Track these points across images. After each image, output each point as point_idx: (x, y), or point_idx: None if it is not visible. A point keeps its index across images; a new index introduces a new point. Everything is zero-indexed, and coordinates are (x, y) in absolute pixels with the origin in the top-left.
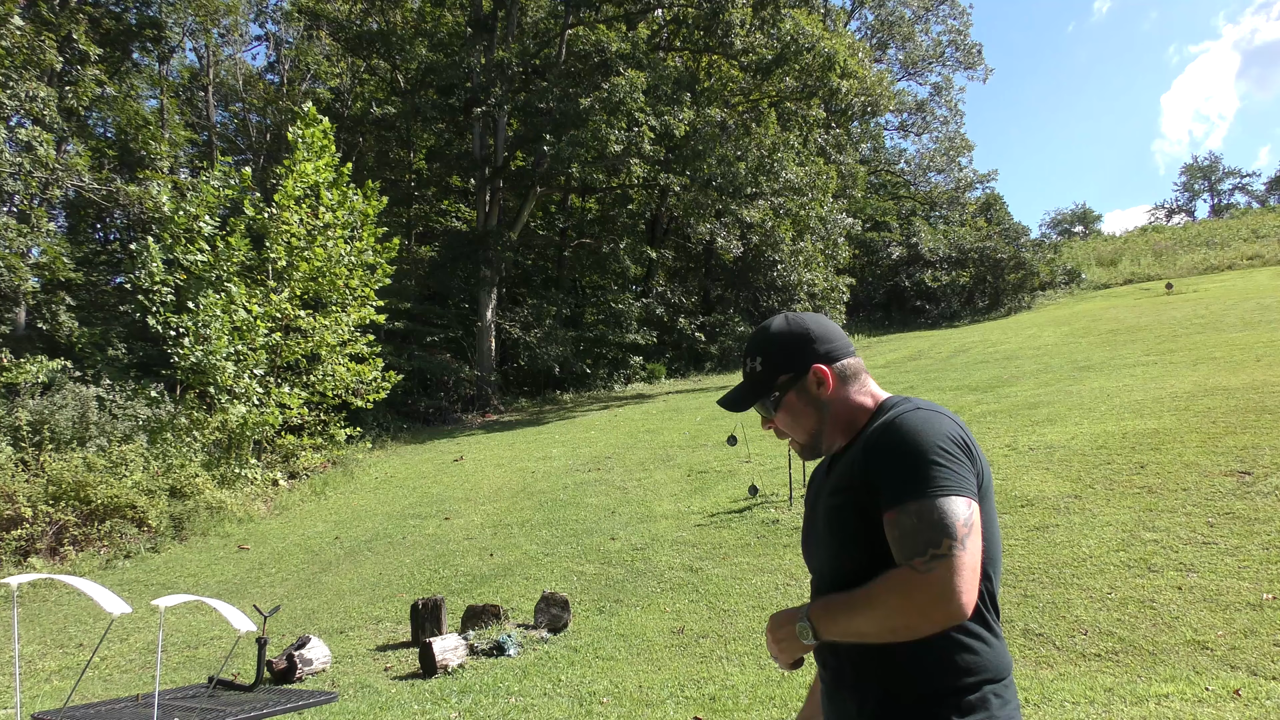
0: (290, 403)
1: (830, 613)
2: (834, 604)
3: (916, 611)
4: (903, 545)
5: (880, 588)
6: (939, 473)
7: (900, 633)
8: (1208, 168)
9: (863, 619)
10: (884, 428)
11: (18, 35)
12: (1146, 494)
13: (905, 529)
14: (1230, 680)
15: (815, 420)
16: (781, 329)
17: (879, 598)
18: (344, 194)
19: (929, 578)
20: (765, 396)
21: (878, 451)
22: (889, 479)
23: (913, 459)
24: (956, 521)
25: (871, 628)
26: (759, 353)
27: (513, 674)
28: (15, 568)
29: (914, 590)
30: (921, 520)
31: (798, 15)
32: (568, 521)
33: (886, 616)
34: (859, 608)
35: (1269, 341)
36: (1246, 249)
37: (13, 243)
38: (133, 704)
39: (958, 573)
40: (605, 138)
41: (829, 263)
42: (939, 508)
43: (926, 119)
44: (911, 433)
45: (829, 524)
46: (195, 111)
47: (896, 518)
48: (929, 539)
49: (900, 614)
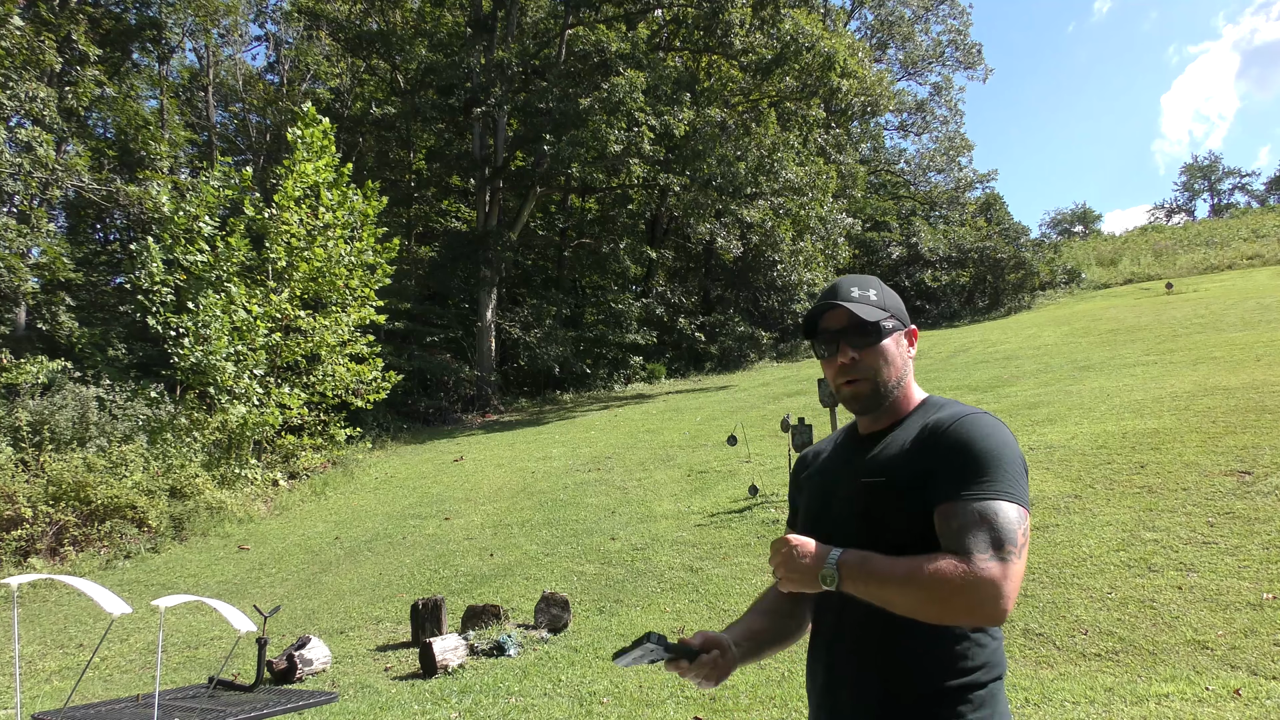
0: (290, 403)
1: (866, 570)
2: (873, 564)
3: (961, 603)
4: (962, 537)
5: (930, 569)
6: (1009, 479)
7: (931, 617)
8: (1208, 167)
9: (899, 591)
10: (958, 423)
11: (17, 35)
12: (1146, 494)
13: (968, 522)
14: (1230, 680)
15: (900, 370)
16: (887, 285)
17: (926, 578)
18: (344, 194)
19: (985, 575)
20: (873, 324)
21: (947, 445)
22: (956, 472)
23: (989, 459)
24: (1019, 530)
25: (906, 602)
26: (873, 287)
27: (513, 674)
28: (15, 568)
29: (967, 583)
30: (986, 519)
31: (797, 15)
32: (568, 521)
33: (928, 598)
34: (899, 579)
35: (1269, 341)
36: (1246, 249)
37: (13, 243)
38: (133, 704)
39: (1010, 579)
40: (605, 138)
41: (829, 263)
42: (1007, 513)
43: (926, 119)
44: (989, 435)
45: (872, 500)
46: (195, 112)
47: (956, 510)
48: (994, 539)
49: (944, 601)
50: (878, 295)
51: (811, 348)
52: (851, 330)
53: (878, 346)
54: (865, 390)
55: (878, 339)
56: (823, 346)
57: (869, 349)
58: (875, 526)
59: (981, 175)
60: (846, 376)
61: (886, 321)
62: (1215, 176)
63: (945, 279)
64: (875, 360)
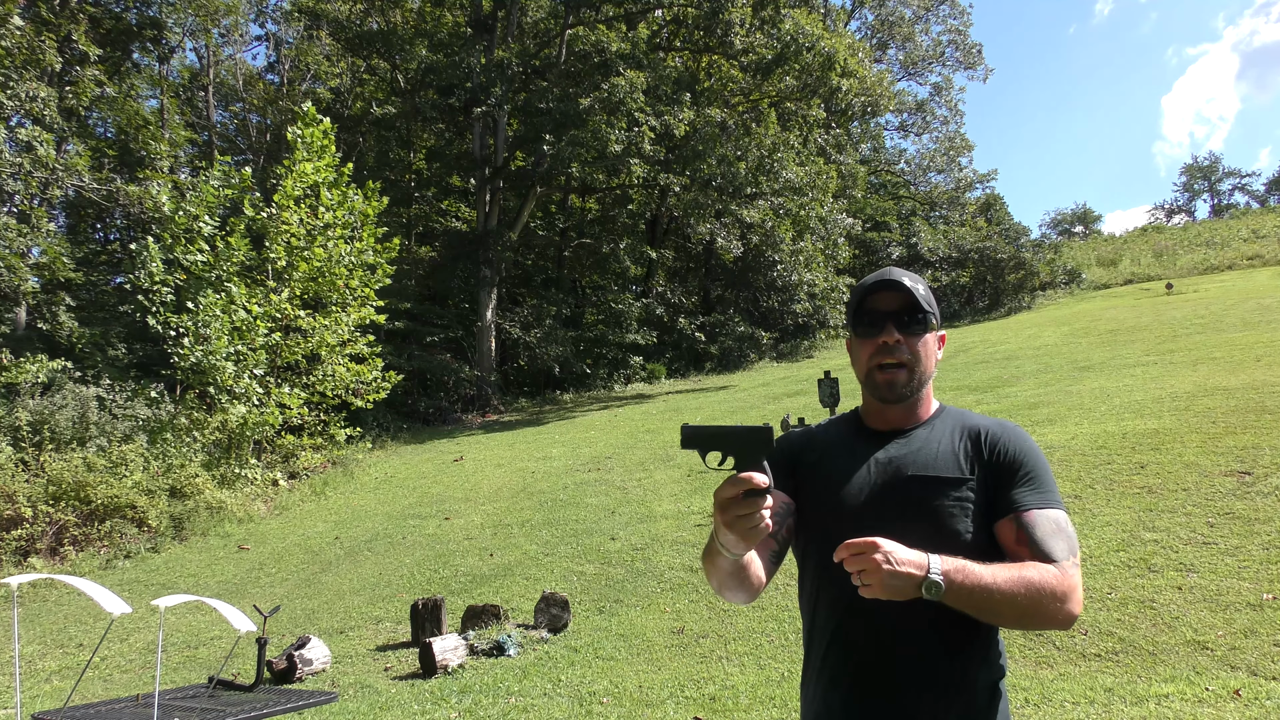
0: (290, 403)
1: (968, 579)
2: (973, 573)
3: (1058, 605)
4: (1049, 544)
5: (1034, 576)
6: (1056, 489)
7: (1026, 622)
8: (1208, 168)
9: (1004, 599)
10: (1009, 433)
11: (18, 35)
12: (1146, 494)
13: (1048, 531)
14: (1230, 680)
15: (933, 366)
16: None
17: (1035, 586)
18: (344, 194)
19: (1069, 580)
20: (924, 313)
21: (1013, 453)
22: (1029, 482)
23: (1045, 470)
24: (1075, 536)
25: (1008, 609)
26: (923, 284)
27: (513, 674)
28: (15, 568)
29: (1065, 586)
30: (1059, 528)
31: (798, 15)
32: (568, 521)
33: (1031, 604)
34: (1006, 588)
35: (1269, 342)
36: (1246, 249)
37: (13, 243)
38: (133, 704)
39: (1080, 584)
40: (605, 138)
41: (829, 263)
42: (1068, 522)
43: (926, 119)
44: (1036, 448)
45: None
46: (195, 111)
47: (1037, 519)
48: (1070, 546)
49: (1044, 606)
50: (925, 291)
51: (851, 324)
52: (904, 312)
53: (923, 336)
54: (901, 379)
55: (924, 329)
56: (866, 325)
57: (914, 336)
58: (940, 523)
59: (982, 175)
60: (885, 358)
61: (933, 316)
62: (1215, 177)
63: (945, 279)
64: (917, 349)
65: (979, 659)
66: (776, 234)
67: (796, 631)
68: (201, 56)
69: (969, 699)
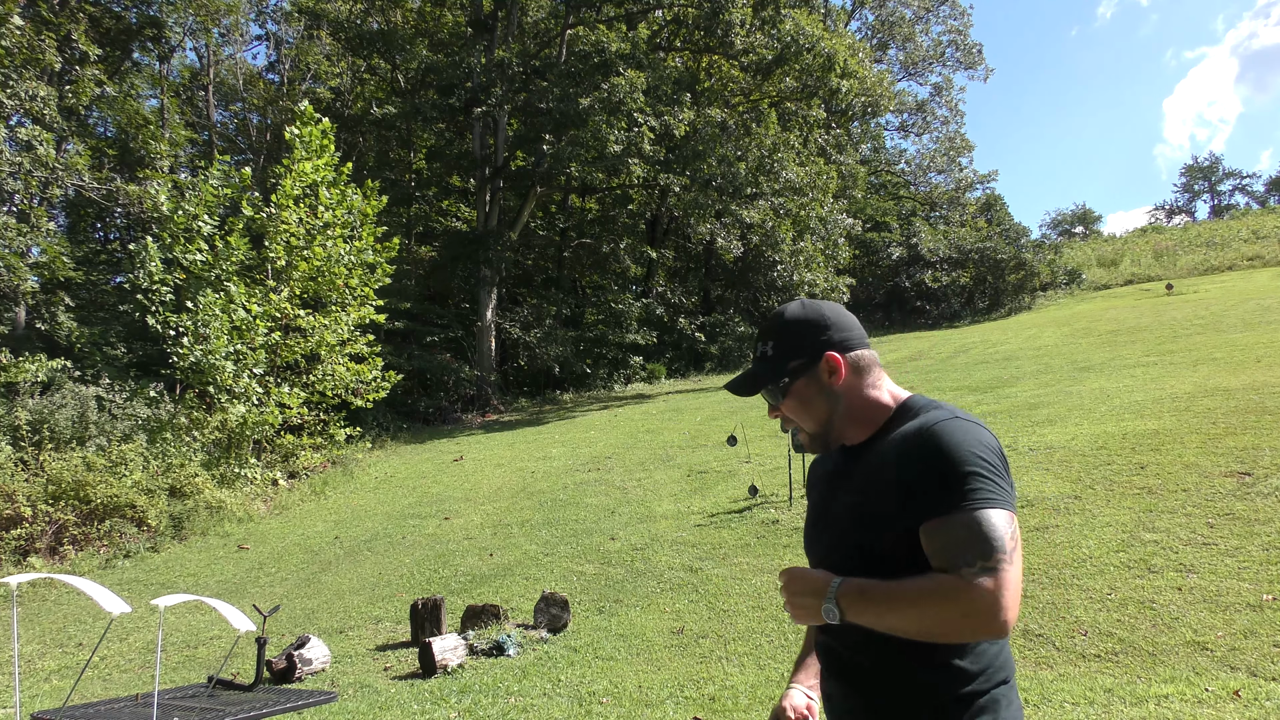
0: (290, 402)
1: (866, 599)
2: (871, 592)
3: (960, 620)
4: (950, 554)
5: (925, 590)
6: (985, 485)
7: (935, 637)
8: (1208, 168)
9: (899, 616)
10: (925, 434)
11: (17, 35)
12: (1146, 495)
13: (953, 538)
14: (1230, 681)
15: (826, 410)
16: (796, 314)
17: (924, 599)
18: (343, 193)
19: (978, 589)
20: (774, 382)
21: (919, 459)
22: (933, 488)
23: (958, 469)
24: (1005, 535)
25: (908, 626)
26: (771, 337)
27: (512, 674)
28: (15, 567)
29: (962, 599)
30: (970, 531)
31: (798, 15)
32: (568, 521)
33: (927, 620)
34: (898, 604)
35: (1269, 342)
36: (1247, 250)
37: (13, 242)
38: (132, 704)
39: (1005, 589)
40: (605, 138)
41: (829, 263)
42: (989, 521)
43: (927, 119)
44: (956, 443)
45: (855, 521)
46: (195, 111)
47: (941, 526)
48: (980, 550)
49: (942, 621)
50: (775, 345)
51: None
52: (765, 394)
53: (787, 400)
54: (804, 439)
55: (782, 395)
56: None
57: (784, 404)
58: (865, 547)
59: (982, 176)
60: (786, 426)
61: (787, 375)
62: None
63: (945, 279)
64: (793, 412)
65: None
66: (777, 234)
67: (796, 632)
68: (201, 56)
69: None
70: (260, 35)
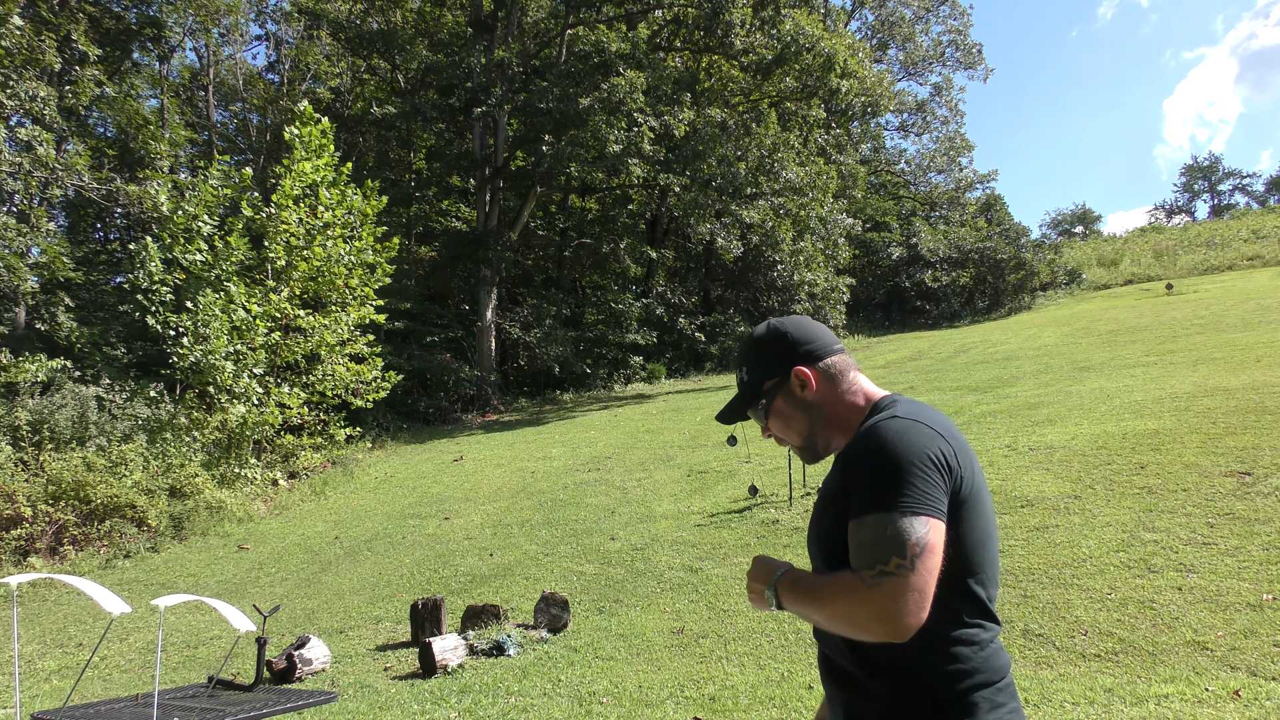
0: (290, 402)
1: (794, 590)
2: (801, 584)
3: (856, 621)
4: (856, 556)
5: (831, 588)
6: (903, 489)
7: (844, 634)
8: (1207, 168)
9: (816, 609)
10: (866, 433)
11: (17, 35)
12: (1146, 494)
13: (861, 540)
14: (1230, 681)
15: (805, 423)
16: (761, 335)
17: (829, 597)
18: (343, 193)
19: (873, 593)
20: (755, 405)
21: (854, 460)
22: (859, 487)
23: (880, 471)
24: (909, 540)
25: (821, 620)
26: (744, 362)
27: (512, 674)
28: (15, 567)
29: (857, 601)
30: (875, 534)
31: (798, 15)
32: (568, 521)
33: (835, 616)
34: (817, 598)
35: (1269, 342)
36: (1246, 249)
37: (13, 242)
38: (132, 704)
39: (901, 594)
40: (605, 138)
41: (829, 263)
42: (895, 525)
43: (927, 119)
44: (883, 444)
45: (820, 521)
46: (195, 111)
47: (855, 528)
48: (879, 555)
49: (843, 619)
50: (748, 370)
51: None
52: (753, 416)
53: (771, 421)
54: (796, 448)
55: (765, 415)
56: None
57: (770, 424)
58: (828, 547)
59: (982, 176)
60: (780, 444)
61: (765, 396)
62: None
63: (945, 279)
64: (777, 430)
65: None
66: (777, 234)
67: (796, 632)
68: (201, 56)
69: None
70: (260, 35)
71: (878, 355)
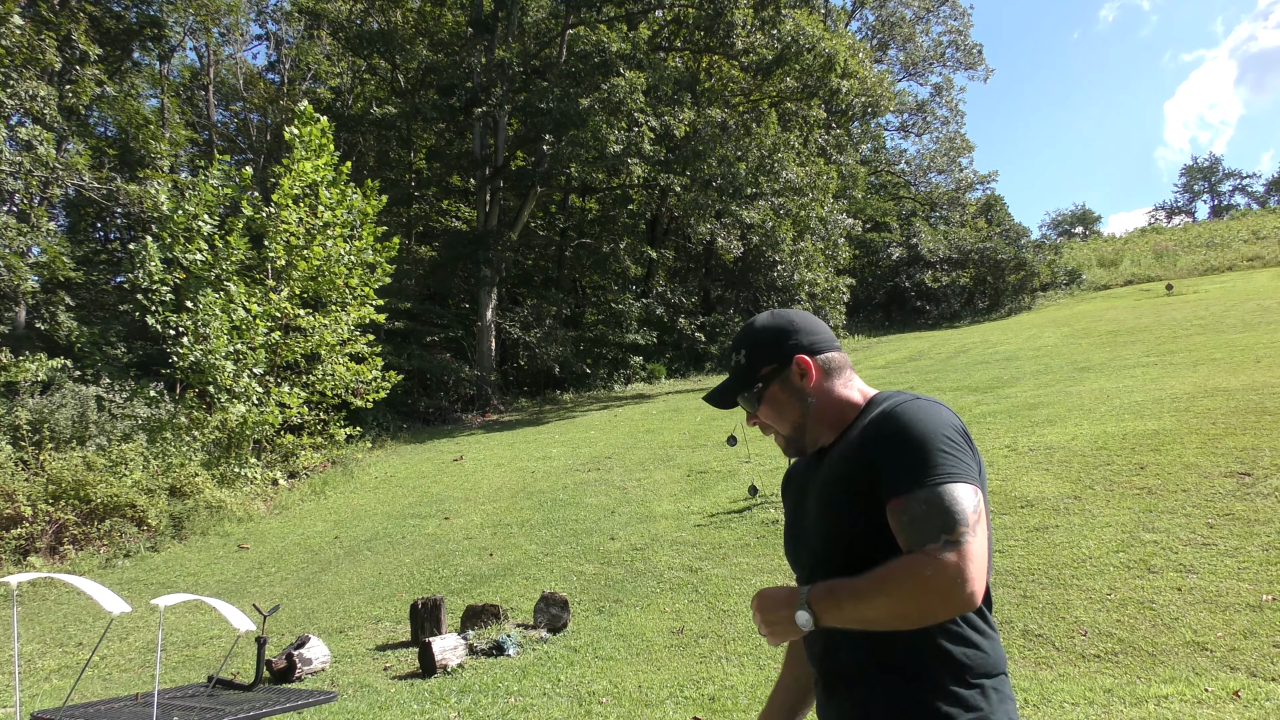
0: (290, 402)
1: (835, 598)
2: (839, 590)
3: (932, 596)
4: (913, 531)
5: (893, 573)
6: (946, 460)
7: (912, 619)
8: (1208, 169)
9: (871, 605)
10: (884, 416)
11: (17, 34)
12: (1146, 495)
13: (916, 515)
14: (1230, 681)
15: (798, 412)
16: (765, 322)
17: (891, 583)
18: (343, 192)
19: (944, 563)
20: (749, 389)
21: (881, 440)
22: (894, 466)
23: (919, 446)
24: (967, 509)
25: (881, 614)
26: (743, 345)
27: (512, 674)
28: (15, 567)
29: (929, 575)
30: (932, 507)
31: (798, 15)
32: (567, 521)
33: (899, 602)
34: (868, 594)
35: (1269, 343)
36: (1247, 250)
37: (13, 242)
38: (132, 703)
39: (971, 559)
40: (605, 138)
41: (829, 263)
42: (950, 494)
43: (927, 119)
44: (916, 421)
45: (826, 517)
46: (196, 111)
47: (905, 504)
48: (942, 524)
49: (913, 600)
50: (747, 353)
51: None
52: (732, 404)
53: (763, 407)
54: (783, 439)
55: (757, 401)
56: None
57: (760, 410)
58: (849, 535)
59: (982, 176)
60: (765, 433)
61: (760, 381)
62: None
63: (945, 280)
64: (769, 418)
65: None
66: (777, 234)
67: None
68: (201, 56)
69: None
70: (260, 35)
71: (878, 355)
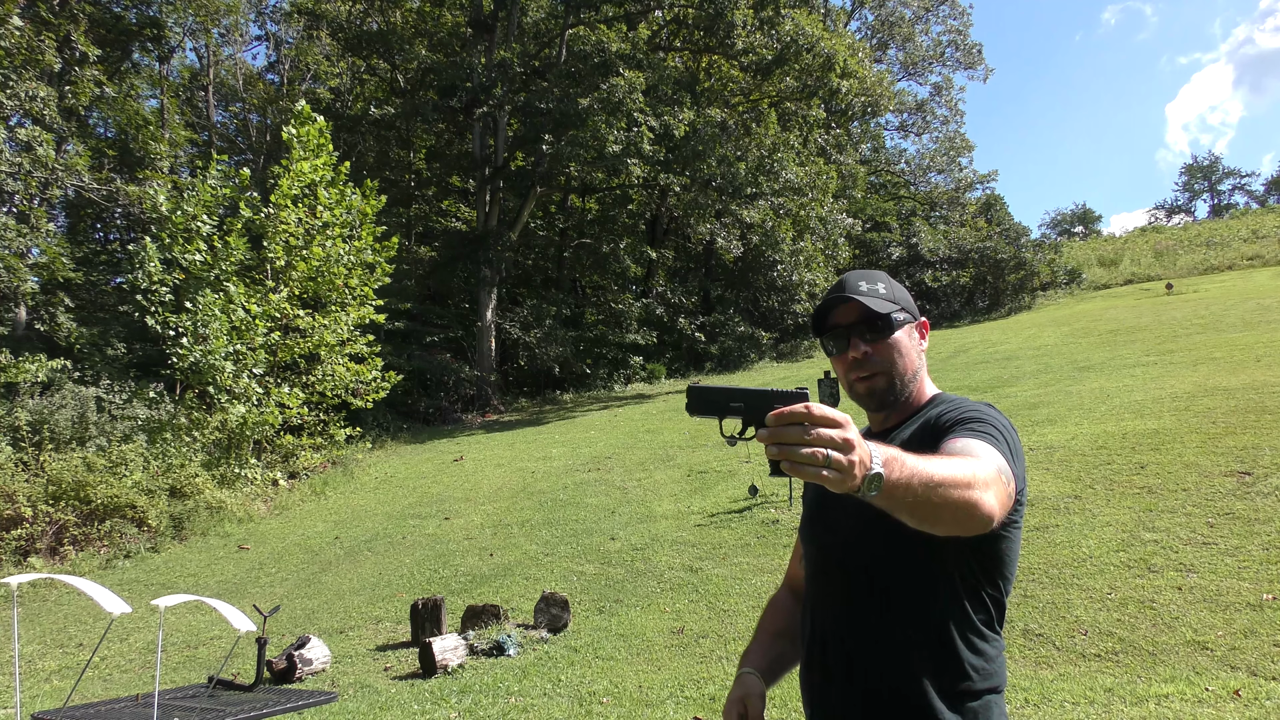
0: (290, 402)
1: (902, 458)
2: (904, 455)
3: (980, 494)
4: (966, 454)
5: (949, 456)
6: (1003, 436)
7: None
8: (1207, 168)
9: (937, 466)
10: (958, 403)
11: (17, 35)
12: (1146, 494)
13: (971, 448)
14: (1230, 680)
15: (914, 365)
16: (895, 281)
17: (953, 461)
18: (342, 192)
19: (991, 472)
20: (892, 310)
21: (960, 412)
22: (966, 424)
23: (987, 424)
24: (1007, 467)
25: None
26: (882, 281)
27: (512, 674)
28: (15, 567)
29: (982, 477)
30: (986, 448)
31: (798, 15)
32: (568, 521)
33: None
34: (930, 464)
35: (1269, 342)
36: (1246, 249)
37: (12, 243)
38: (132, 704)
39: (1004, 493)
40: (605, 138)
41: (829, 263)
42: (995, 452)
43: (927, 119)
44: (981, 408)
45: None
46: (195, 111)
47: (959, 443)
48: (994, 462)
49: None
50: (886, 289)
51: (821, 345)
52: (863, 324)
53: (890, 340)
54: (880, 385)
55: (889, 332)
56: (832, 342)
57: (881, 343)
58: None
59: (982, 176)
60: (860, 372)
61: (898, 314)
62: (1215, 177)
63: (945, 279)
64: (889, 354)
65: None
66: (776, 234)
67: None
68: (201, 56)
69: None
70: (260, 35)
71: None
